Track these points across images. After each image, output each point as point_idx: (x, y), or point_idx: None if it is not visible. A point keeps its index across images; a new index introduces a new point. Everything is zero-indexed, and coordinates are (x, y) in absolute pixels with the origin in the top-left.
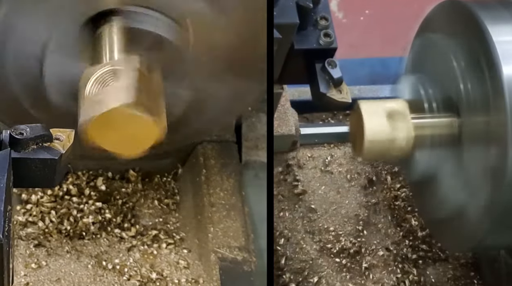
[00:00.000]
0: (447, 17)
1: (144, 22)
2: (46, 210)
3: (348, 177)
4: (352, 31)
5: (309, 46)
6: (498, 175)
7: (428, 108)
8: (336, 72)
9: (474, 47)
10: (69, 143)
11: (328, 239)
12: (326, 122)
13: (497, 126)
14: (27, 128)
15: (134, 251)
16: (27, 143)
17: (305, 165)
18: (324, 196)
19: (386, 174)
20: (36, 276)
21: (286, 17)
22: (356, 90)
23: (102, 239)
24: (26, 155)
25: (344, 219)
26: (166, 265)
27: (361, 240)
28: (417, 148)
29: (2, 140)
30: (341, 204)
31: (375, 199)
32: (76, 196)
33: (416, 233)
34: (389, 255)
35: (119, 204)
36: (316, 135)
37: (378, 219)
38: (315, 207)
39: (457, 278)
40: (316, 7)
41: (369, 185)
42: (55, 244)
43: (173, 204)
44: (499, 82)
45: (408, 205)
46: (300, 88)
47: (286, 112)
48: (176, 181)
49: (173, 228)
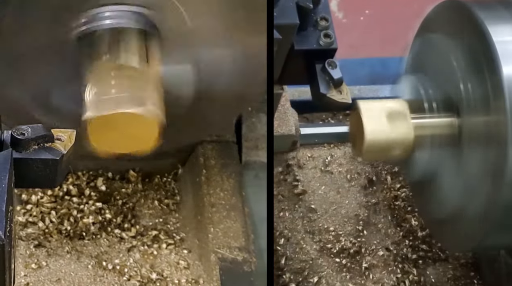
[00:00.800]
0: (447, 17)
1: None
2: (46, 210)
3: (348, 177)
4: (352, 31)
5: (309, 47)
6: (498, 175)
7: (428, 108)
8: (336, 73)
9: (474, 47)
10: (70, 143)
11: (328, 239)
12: (326, 122)
13: (497, 126)
14: (29, 128)
15: (134, 251)
16: (29, 143)
17: (305, 165)
18: (324, 196)
19: (386, 174)
20: (36, 277)
21: (286, 17)
22: (356, 90)
23: (102, 239)
24: (28, 155)
25: (344, 219)
26: (166, 266)
27: (361, 240)
28: (417, 148)
29: (4, 140)
30: (341, 204)
31: (375, 199)
32: (76, 196)
33: (416, 233)
34: (389, 255)
35: (119, 204)
36: (316, 135)
37: (378, 219)
38: (315, 207)
39: (457, 278)
40: (316, 8)
41: (369, 185)
42: (55, 244)
43: (173, 204)
44: (499, 82)
45: (408, 205)
46: (300, 88)
47: (286, 112)
48: (176, 181)
49: (173, 228)
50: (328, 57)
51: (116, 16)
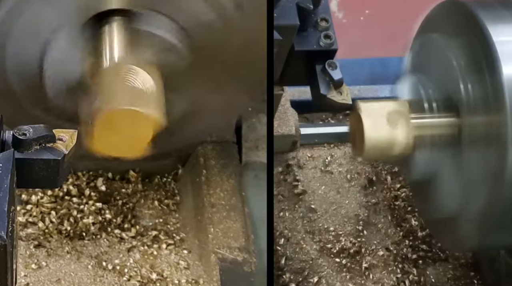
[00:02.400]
0: (447, 17)
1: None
2: (46, 211)
3: (348, 177)
4: (352, 31)
5: (310, 48)
6: (498, 175)
7: (428, 108)
8: (336, 73)
9: (474, 47)
10: (72, 143)
11: (328, 239)
12: (326, 122)
13: (497, 126)
14: (30, 128)
15: (134, 251)
16: (30, 143)
17: (305, 165)
18: (324, 196)
19: (386, 174)
20: (36, 277)
21: (286, 18)
22: (356, 90)
23: (102, 239)
24: (29, 156)
25: (344, 219)
26: (166, 266)
27: (361, 240)
28: (417, 148)
29: (5, 140)
30: (341, 204)
31: (375, 199)
32: (76, 196)
33: (416, 233)
34: (389, 255)
35: (119, 205)
36: (316, 135)
37: (378, 219)
38: (315, 207)
39: (457, 278)
40: (316, 9)
41: (369, 185)
42: (55, 244)
43: (173, 205)
44: (499, 82)
45: (408, 205)
46: (300, 88)
47: (286, 112)
48: (176, 181)
49: (173, 229)
50: (328, 58)
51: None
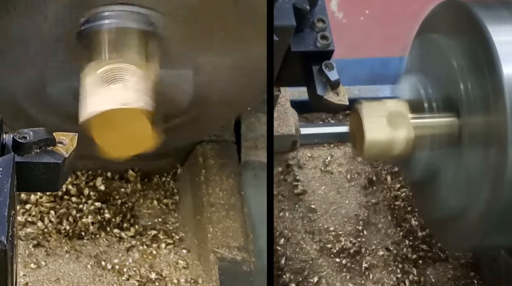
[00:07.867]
0: (447, 17)
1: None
2: (45, 210)
3: (348, 177)
4: (352, 31)
5: (306, 49)
6: (498, 175)
7: (428, 108)
8: (333, 74)
9: (474, 47)
10: (72, 146)
11: (328, 239)
12: (326, 122)
13: (497, 126)
14: (30, 132)
15: (133, 251)
16: (30, 147)
17: (305, 165)
18: (324, 196)
19: (386, 174)
20: (35, 276)
21: (283, 19)
22: (356, 90)
23: (101, 239)
24: (29, 159)
25: (344, 219)
26: (165, 265)
27: (361, 240)
28: (417, 148)
29: (5, 144)
30: (341, 204)
31: (375, 199)
32: (75, 196)
33: (416, 233)
34: (389, 255)
35: (118, 204)
36: (316, 135)
37: (378, 219)
38: (315, 207)
39: (457, 278)
40: (313, 9)
41: (369, 185)
42: (54, 244)
43: (172, 204)
44: (499, 82)
45: (408, 205)
46: (300, 88)
47: (286, 112)
48: (175, 181)
49: (172, 228)
50: (325, 59)
51: (117, 16)
